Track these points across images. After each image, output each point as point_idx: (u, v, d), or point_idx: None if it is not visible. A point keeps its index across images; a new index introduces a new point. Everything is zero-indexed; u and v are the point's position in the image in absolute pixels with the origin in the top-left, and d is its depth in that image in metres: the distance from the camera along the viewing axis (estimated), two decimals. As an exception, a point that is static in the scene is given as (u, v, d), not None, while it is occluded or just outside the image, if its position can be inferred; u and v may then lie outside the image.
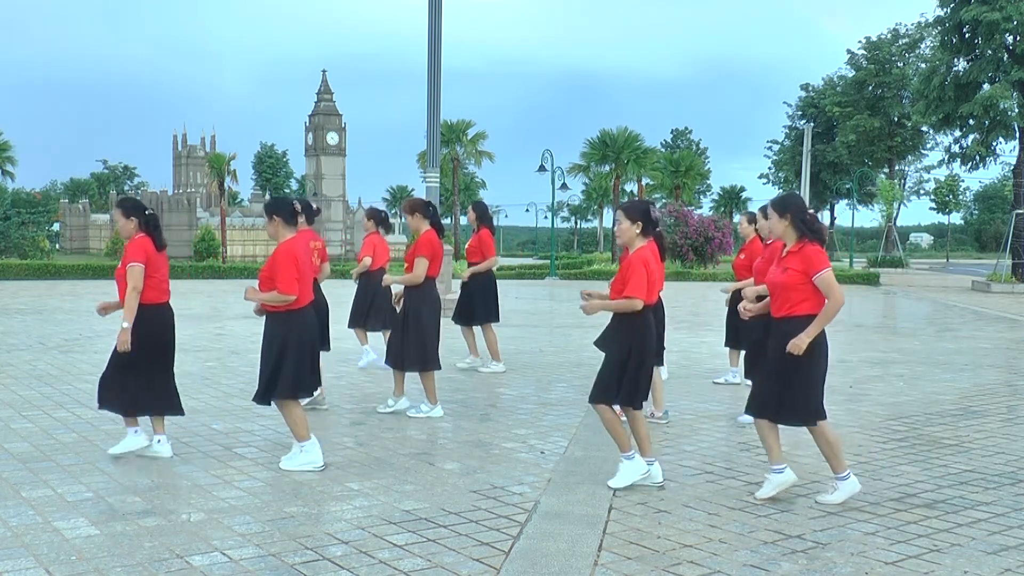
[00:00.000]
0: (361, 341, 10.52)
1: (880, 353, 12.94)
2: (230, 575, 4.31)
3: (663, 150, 73.06)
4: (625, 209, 5.87)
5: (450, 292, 18.22)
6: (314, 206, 8.15)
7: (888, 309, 21.89)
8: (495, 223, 11.15)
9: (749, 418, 7.39)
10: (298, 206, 6.26)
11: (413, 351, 7.78)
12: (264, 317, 6.22)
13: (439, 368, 8.00)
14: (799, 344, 5.31)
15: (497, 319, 10.55)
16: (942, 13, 32.15)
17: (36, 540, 4.71)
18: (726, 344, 9.59)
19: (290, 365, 6.04)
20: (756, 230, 8.84)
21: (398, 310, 8.11)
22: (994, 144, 32.00)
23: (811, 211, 5.75)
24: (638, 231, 5.80)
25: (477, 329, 10.71)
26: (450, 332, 10.63)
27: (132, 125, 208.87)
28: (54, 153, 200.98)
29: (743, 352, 8.67)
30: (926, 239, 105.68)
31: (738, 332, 8.94)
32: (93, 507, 5.28)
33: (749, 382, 7.75)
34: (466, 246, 10.61)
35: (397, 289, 8.25)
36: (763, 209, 7.67)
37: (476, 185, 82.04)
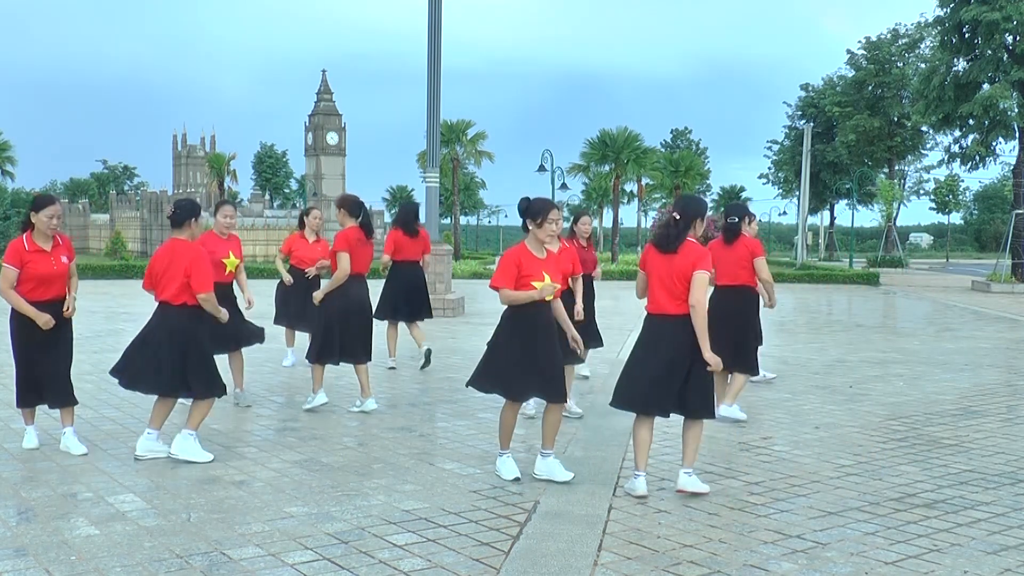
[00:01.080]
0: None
1: (880, 353, 12.94)
2: (230, 575, 4.31)
3: (663, 150, 73.06)
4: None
5: (449, 292, 18.23)
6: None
7: (888, 309, 21.90)
8: (495, 223, 11.15)
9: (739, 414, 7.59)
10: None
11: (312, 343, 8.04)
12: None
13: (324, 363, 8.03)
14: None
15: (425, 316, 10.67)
16: (942, 13, 32.13)
17: (36, 540, 4.71)
18: None
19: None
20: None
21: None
22: (994, 144, 31.97)
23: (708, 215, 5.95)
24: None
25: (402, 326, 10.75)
26: (448, 330, 10.63)
27: (132, 125, 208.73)
28: (54, 153, 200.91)
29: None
30: (926, 239, 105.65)
31: None
32: (93, 507, 5.28)
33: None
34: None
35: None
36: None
37: (476, 185, 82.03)
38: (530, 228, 5.79)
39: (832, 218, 70.60)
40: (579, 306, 7.83)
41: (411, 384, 9.62)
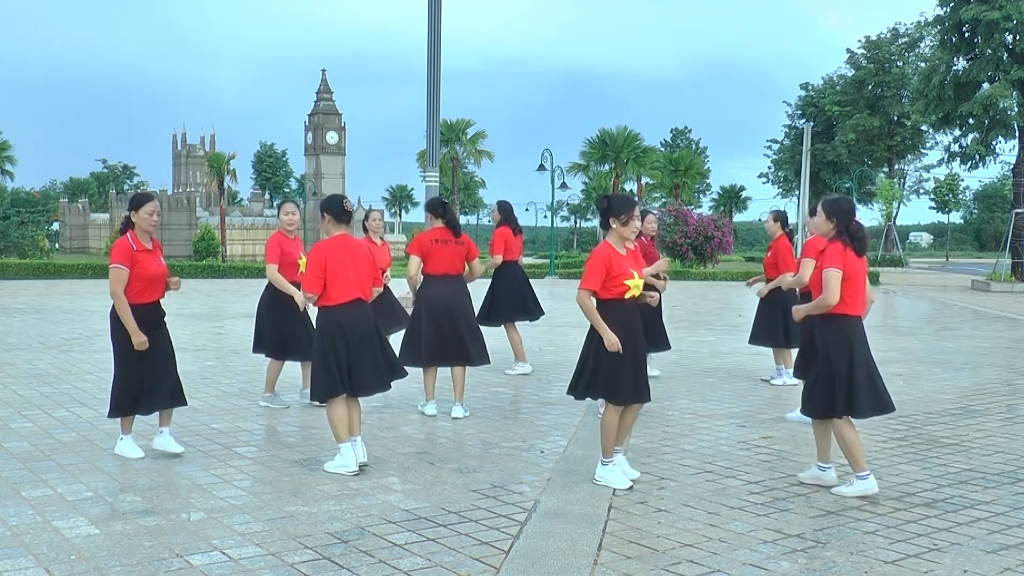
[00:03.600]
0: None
1: (880, 352, 12.87)
2: (230, 574, 4.31)
3: (663, 149, 73.13)
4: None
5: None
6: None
7: (888, 308, 21.89)
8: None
9: (797, 416, 7.50)
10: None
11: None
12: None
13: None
14: (797, 311, 5.99)
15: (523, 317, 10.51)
16: (942, 12, 32.15)
17: (36, 539, 4.71)
18: (769, 344, 9.64)
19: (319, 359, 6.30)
20: (784, 228, 9.10)
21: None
22: (994, 143, 32.00)
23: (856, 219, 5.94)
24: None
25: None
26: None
27: (132, 124, 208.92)
28: (54, 152, 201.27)
29: (795, 351, 8.86)
30: (926, 238, 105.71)
31: (789, 331, 9.14)
32: (93, 506, 5.28)
33: (799, 381, 8.02)
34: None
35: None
36: (812, 208, 7.82)
37: (476, 184, 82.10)
38: (614, 226, 5.72)
39: (832, 217, 70.48)
40: (654, 294, 6.80)
41: (411, 384, 9.62)
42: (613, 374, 5.65)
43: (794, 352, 8.93)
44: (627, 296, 5.70)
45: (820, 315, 5.73)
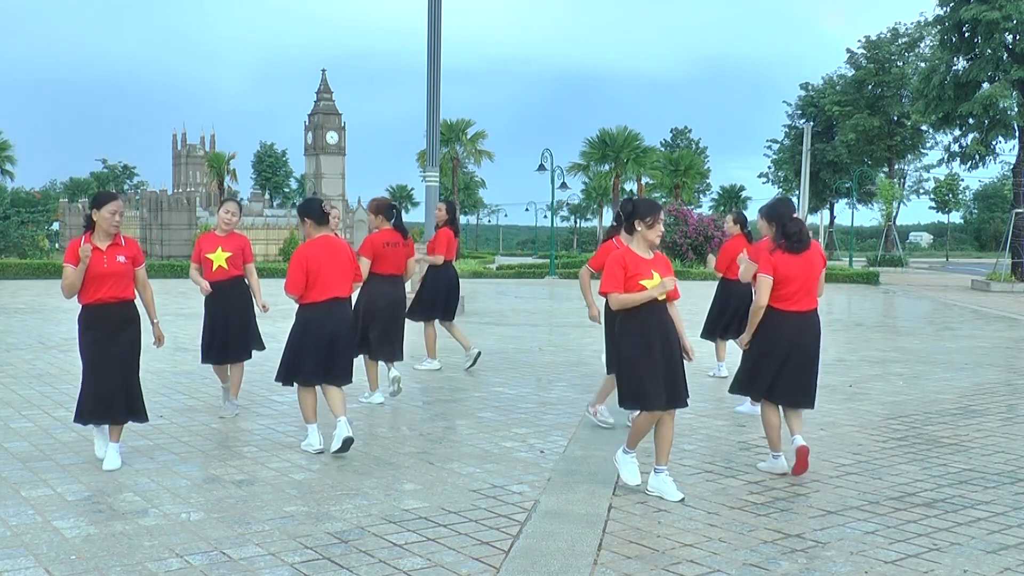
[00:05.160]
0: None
1: (880, 352, 12.94)
2: (230, 574, 4.31)
3: (662, 149, 73.11)
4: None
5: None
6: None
7: (887, 308, 21.89)
8: (495, 222, 11.27)
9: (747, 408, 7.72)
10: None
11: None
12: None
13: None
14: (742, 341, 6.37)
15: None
16: (941, 12, 32.12)
17: (36, 539, 4.71)
18: (716, 337, 9.97)
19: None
20: (743, 230, 9.34)
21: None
22: (994, 143, 31.98)
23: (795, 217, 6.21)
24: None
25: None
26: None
27: (131, 124, 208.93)
28: (54, 152, 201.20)
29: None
30: (926, 238, 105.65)
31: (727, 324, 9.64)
32: (93, 506, 5.28)
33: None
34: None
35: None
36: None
37: (476, 184, 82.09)
38: (639, 229, 5.65)
39: (832, 217, 70.56)
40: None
41: (411, 384, 9.61)
42: (637, 379, 5.59)
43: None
44: (654, 297, 5.56)
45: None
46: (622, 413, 6.51)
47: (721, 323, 9.76)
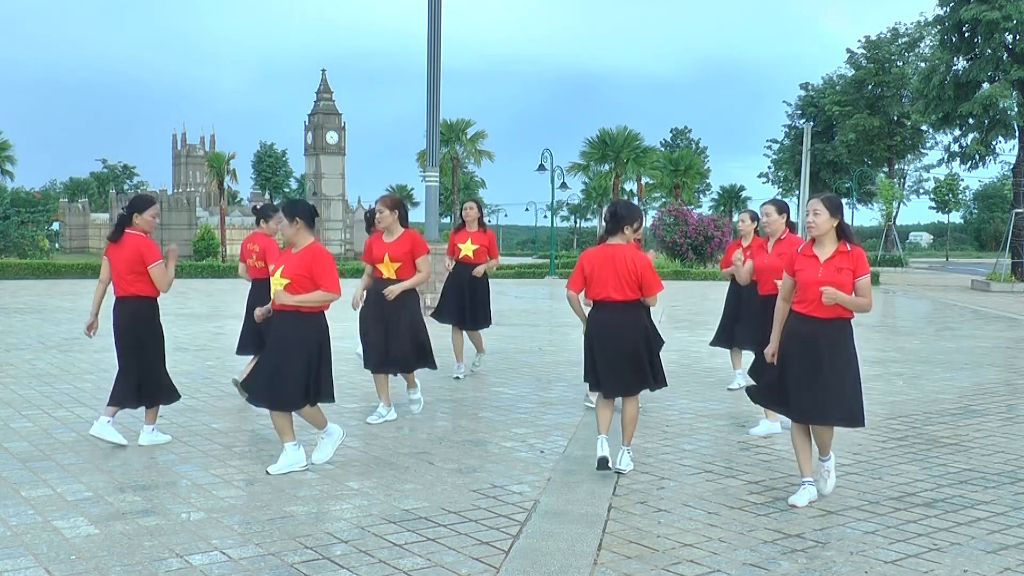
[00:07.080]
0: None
1: (880, 352, 12.94)
2: (230, 574, 4.31)
3: (662, 149, 73.15)
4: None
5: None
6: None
7: (887, 308, 21.89)
8: (495, 222, 11.14)
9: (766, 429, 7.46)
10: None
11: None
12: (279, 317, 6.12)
13: None
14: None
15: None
16: (941, 12, 32.15)
17: (36, 539, 4.71)
18: (727, 345, 9.37)
19: (328, 366, 6.16)
20: (757, 229, 8.88)
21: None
22: (994, 143, 32.00)
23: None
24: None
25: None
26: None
27: (131, 124, 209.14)
28: (53, 152, 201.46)
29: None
30: (925, 238, 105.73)
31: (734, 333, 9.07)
32: (93, 506, 5.28)
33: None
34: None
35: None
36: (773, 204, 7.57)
37: (475, 184, 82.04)
38: (626, 232, 6.08)
39: (832, 217, 70.54)
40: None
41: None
42: (591, 366, 6.20)
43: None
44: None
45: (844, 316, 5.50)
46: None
47: (734, 330, 9.10)
